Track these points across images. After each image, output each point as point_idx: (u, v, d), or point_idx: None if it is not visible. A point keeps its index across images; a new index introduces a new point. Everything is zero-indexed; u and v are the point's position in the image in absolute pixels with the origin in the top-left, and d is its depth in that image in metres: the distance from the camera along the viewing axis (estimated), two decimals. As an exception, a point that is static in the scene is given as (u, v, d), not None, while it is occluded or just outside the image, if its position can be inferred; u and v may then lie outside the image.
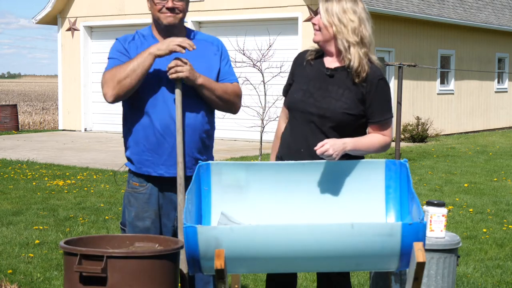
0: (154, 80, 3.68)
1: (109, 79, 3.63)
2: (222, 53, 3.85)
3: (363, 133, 3.66)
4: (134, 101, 3.71)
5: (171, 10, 3.69)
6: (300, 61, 3.76)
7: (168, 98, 3.67)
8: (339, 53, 3.60)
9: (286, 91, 3.80)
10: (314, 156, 3.48)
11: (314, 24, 3.62)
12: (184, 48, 3.58)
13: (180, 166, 3.63)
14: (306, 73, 3.69)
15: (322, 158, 3.44)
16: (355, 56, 3.52)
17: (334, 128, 3.57)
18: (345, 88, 3.57)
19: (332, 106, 3.56)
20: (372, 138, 3.60)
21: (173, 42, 3.58)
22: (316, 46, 3.72)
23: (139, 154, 3.74)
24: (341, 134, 3.55)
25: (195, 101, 3.71)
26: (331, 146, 3.38)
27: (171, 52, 3.59)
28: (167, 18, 3.70)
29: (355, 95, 3.57)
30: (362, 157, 3.66)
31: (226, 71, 3.83)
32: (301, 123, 3.63)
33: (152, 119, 3.68)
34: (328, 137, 3.52)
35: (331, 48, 3.61)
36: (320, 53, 3.70)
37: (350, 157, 3.56)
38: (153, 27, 3.82)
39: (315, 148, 3.41)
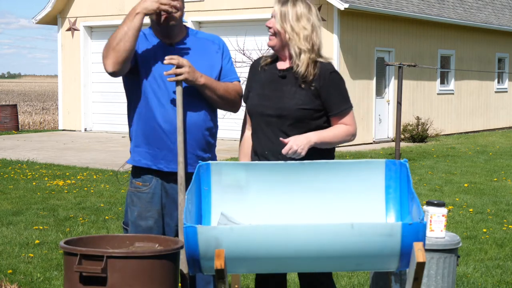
0: (157, 80, 3.69)
1: (105, 50, 3.64)
2: (224, 51, 3.87)
3: (326, 128, 3.72)
4: (138, 97, 3.73)
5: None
6: (255, 68, 3.85)
7: (171, 96, 3.68)
8: (290, 56, 3.69)
9: (246, 98, 3.87)
10: (279, 157, 3.57)
11: (269, 28, 3.68)
12: (169, 6, 3.58)
13: (180, 166, 3.63)
14: (261, 78, 3.78)
15: (291, 158, 3.52)
16: (303, 63, 3.62)
17: (293, 125, 3.64)
18: (298, 86, 3.65)
19: (287, 105, 3.63)
20: (336, 129, 3.68)
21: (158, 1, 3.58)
22: (270, 51, 3.83)
23: (140, 146, 3.75)
24: (301, 131, 3.62)
25: (198, 99, 3.72)
26: (294, 142, 3.49)
27: (159, 10, 3.58)
28: (166, 18, 3.69)
29: (308, 91, 3.64)
30: (333, 151, 3.76)
31: (228, 69, 3.84)
32: (263, 127, 3.71)
33: (155, 114, 3.69)
34: (289, 136, 3.60)
35: (285, 52, 3.70)
36: (274, 58, 3.79)
37: (320, 151, 3.63)
38: (152, 27, 3.82)
39: (282, 151, 3.50)
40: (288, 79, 3.67)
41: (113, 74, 3.65)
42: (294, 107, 3.62)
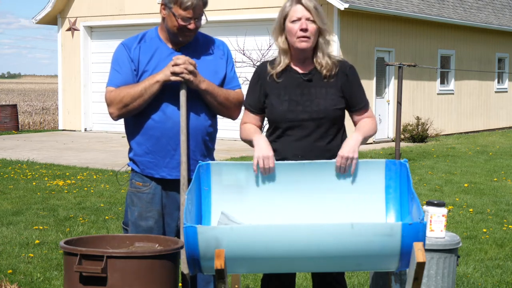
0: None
1: (115, 100, 3.64)
2: (228, 57, 3.84)
3: (342, 124, 3.73)
4: None
5: (192, 30, 3.67)
6: (264, 73, 3.71)
7: (171, 100, 3.65)
8: (311, 57, 3.64)
9: (255, 104, 3.73)
10: (313, 159, 3.54)
11: (305, 30, 3.54)
12: (181, 73, 3.56)
13: (183, 166, 3.61)
14: (279, 84, 3.66)
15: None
16: (330, 60, 3.62)
17: (328, 126, 3.63)
18: (326, 87, 3.63)
19: (323, 106, 3.60)
20: (368, 123, 3.68)
21: (170, 69, 3.57)
22: (271, 52, 3.79)
23: (142, 155, 3.73)
24: (334, 131, 3.65)
25: (199, 104, 3.69)
26: (351, 152, 3.45)
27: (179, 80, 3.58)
28: (186, 37, 3.68)
29: (336, 91, 3.64)
30: None
31: (231, 76, 3.82)
32: (294, 132, 3.63)
33: (155, 121, 3.67)
34: (328, 133, 3.61)
35: (309, 53, 3.63)
36: (279, 63, 3.67)
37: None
38: (161, 31, 3.77)
39: (339, 163, 3.45)
40: (315, 81, 3.63)
41: (116, 120, 3.77)
42: (331, 107, 3.61)
